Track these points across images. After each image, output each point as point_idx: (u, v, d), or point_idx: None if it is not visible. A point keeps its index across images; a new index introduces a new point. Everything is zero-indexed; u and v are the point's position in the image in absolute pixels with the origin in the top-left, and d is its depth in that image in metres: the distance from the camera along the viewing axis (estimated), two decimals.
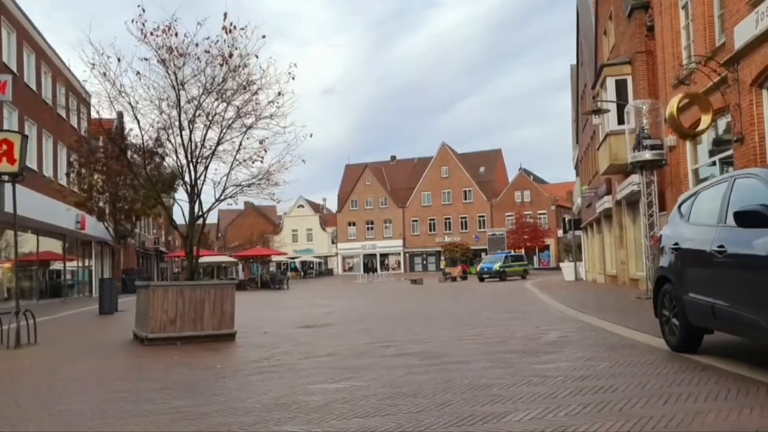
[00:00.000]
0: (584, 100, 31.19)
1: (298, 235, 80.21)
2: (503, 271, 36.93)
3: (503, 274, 36.69)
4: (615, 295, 16.94)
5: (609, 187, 22.52)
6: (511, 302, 16.30)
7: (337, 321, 12.78)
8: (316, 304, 20.51)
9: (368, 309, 16.65)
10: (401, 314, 13.91)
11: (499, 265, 37.32)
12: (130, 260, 42.11)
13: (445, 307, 15.58)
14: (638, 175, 17.10)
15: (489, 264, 38.59)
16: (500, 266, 37.18)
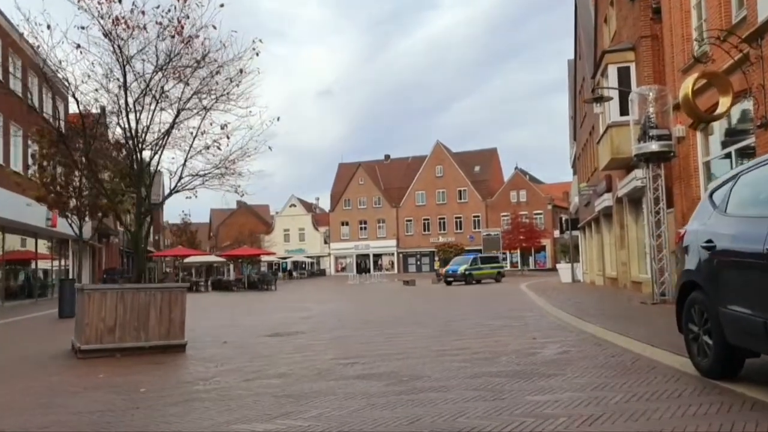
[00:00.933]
0: (582, 95, 29.97)
1: (290, 234, 78.80)
2: (469, 274, 34.15)
3: (470, 278, 33.97)
4: (617, 299, 15.68)
5: (609, 184, 21.27)
6: (504, 306, 15.03)
7: (312, 328, 11.48)
8: (297, 307, 19.20)
9: (351, 313, 15.36)
10: (384, 320, 12.63)
11: (465, 268, 34.50)
12: (113, 259, 40.69)
13: (433, 312, 14.29)
14: (642, 170, 15.87)
15: (454, 267, 35.84)
16: (465, 269, 34.39)
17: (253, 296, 29.54)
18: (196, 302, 24.82)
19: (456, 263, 36.86)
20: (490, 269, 36.35)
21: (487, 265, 36.47)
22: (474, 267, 34.94)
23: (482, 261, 36.54)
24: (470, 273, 34.13)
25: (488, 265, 36.57)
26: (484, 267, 35.97)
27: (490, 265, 36.97)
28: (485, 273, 35.54)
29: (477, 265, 35.31)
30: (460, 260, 37.57)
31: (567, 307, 13.31)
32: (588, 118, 27.15)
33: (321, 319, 13.62)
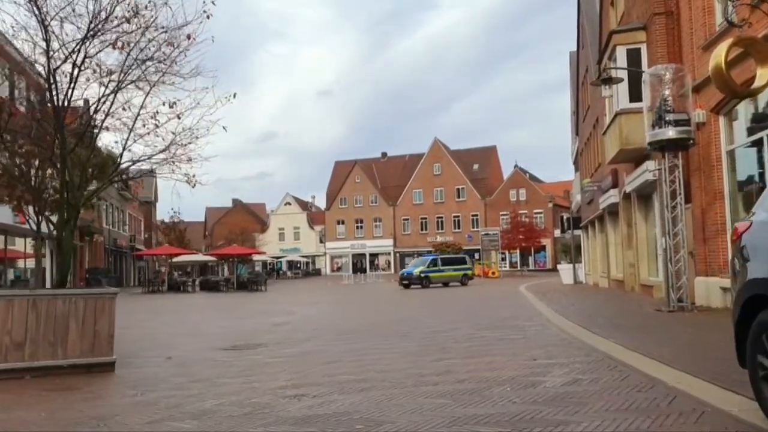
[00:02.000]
0: (585, 86, 28.48)
1: (285, 233, 77.33)
2: (426, 276, 31.62)
3: (426, 280, 31.45)
4: (626, 304, 14.17)
5: (615, 179, 19.76)
6: (501, 312, 13.53)
7: (280, 339, 9.97)
8: (279, 311, 17.71)
9: (332, 319, 13.85)
10: (365, 328, 11.13)
11: (421, 271, 32.01)
12: (98, 259, 39.19)
13: (421, 318, 12.79)
14: (654, 161, 14.39)
15: (411, 269, 33.57)
16: (421, 271, 31.90)
17: (238, 298, 28.04)
18: (173, 304, 23.28)
19: (413, 265, 34.68)
20: (454, 271, 33.31)
21: (449, 267, 33.51)
22: (432, 269, 32.41)
23: (444, 262, 33.70)
24: (427, 276, 31.75)
25: (451, 267, 33.49)
26: (446, 269, 33.04)
27: (454, 267, 33.85)
28: (447, 276, 32.69)
29: (436, 267, 32.66)
30: (417, 261, 35.20)
31: (571, 313, 11.81)
32: (591, 111, 25.66)
33: (296, 327, 12.12)
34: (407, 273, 32.95)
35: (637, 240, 17.24)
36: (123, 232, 49.38)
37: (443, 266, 32.89)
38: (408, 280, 31.97)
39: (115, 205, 46.53)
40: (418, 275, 31.69)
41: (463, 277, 33.38)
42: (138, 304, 24.30)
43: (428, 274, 31.92)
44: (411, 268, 33.57)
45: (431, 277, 31.84)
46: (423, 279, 31.56)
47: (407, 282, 31.85)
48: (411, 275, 32.11)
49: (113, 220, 45.11)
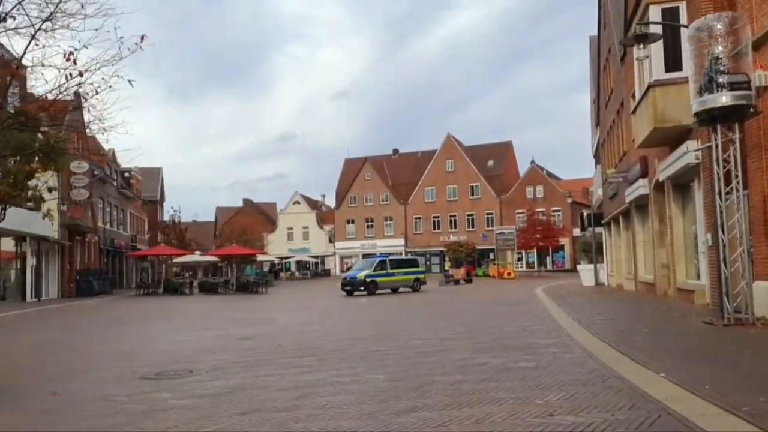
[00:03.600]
0: (607, 70, 25.99)
1: (294, 233, 75.29)
2: (372, 281, 27.16)
3: (372, 286, 27.05)
4: (664, 313, 11.76)
5: (645, 168, 17.30)
6: (511, 323, 11.22)
7: (224, 362, 7.80)
8: (258, 319, 15.61)
9: (307, 332, 11.65)
10: (338, 346, 8.92)
11: (366, 275, 27.43)
12: (91, 260, 37.43)
13: (412, 331, 10.53)
14: (695, 142, 11.96)
15: (354, 272, 29.11)
16: (367, 275, 27.34)
17: (231, 301, 26.02)
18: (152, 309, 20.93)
19: (358, 267, 30.02)
20: (404, 275, 29.07)
21: (399, 270, 29.09)
22: (379, 273, 27.91)
23: (394, 265, 29.06)
24: (373, 280, 27.27)
25: (401, 271, 29.20)
26: (396, 273, 28.66)
27: (404, 270, 29.56)
28: (397, 280, 28.52)
29: (384, 271, 28.20)
30: (363, 264, 30.52)
31: (598, 326, 9.45)
32: (615, 95, 23.17)
33: (259, 343, 9.94)
34: (350, 277, 28.36)
35: (673, 237, 14.78)
36: (123, 232, 47.71)
37: (392, 269, 28.59)
38: (351, 285, 27.49)
39: (114, 204, 44.86)
40: (363, 280, 27.21)
41: (415, 282, 29.25)
42: (114, 309, 22.31)
43: (375, 279, 27.44)
44: (354, 272, 29.16)
45: (378, 282, 27.45)
46: (369, 284, 27.06)
47: (349, 288, 27.38)
48: (354, 280, 27.62)
49: (111, 220, 43.39)
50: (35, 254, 27.99)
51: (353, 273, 29.05)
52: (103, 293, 34.08)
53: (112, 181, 43.49)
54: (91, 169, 36.14)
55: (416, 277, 29.64)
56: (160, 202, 63.26)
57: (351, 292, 27.45)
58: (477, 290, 30.16)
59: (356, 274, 28.14)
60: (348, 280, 28.23)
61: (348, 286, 27.71)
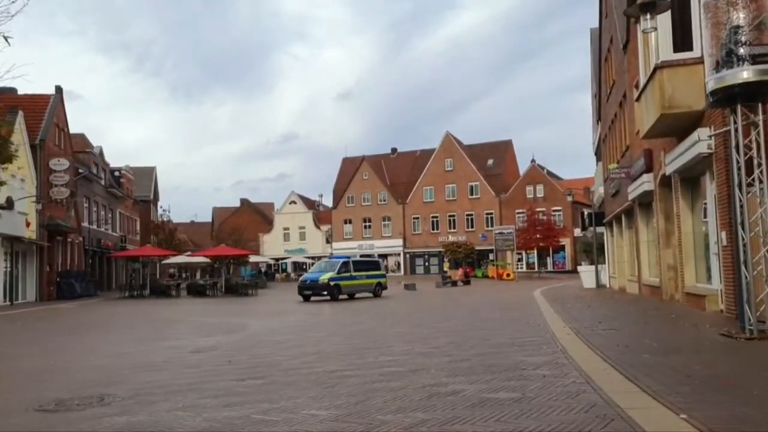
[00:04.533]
0: (609, 62, 24.70)
1: (290, 233, 73.94)
2: (336, 285, 24.17)
3: (335, 290, 24.10)
4: (673, 322, 10.45)
5: (649, 161, 16.00)
6: (501, 333, 9.93)
7: (148, 387, 6.52)
8: (227, 325, 14.35)
9: (274, 342, 10.39)
10: (304, 361, 7.67)
11: (330, 277, 24.22)
12: (74, 261, 36.16)
13: (390, 344, 9.25)
14: (707, 129, 10.68)
15: (315, 274, 25.38)
16: (331, 278, 24.16)
17: (215, 304, 24.78)
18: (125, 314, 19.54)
19: (318, 269, 26.22)
20: (366, 279, 26.07)
21: (361, 273, 26.00)
22: (343, 276, 24.72)
23: (357, 267, 25.94)
24: (337, 284, 24.27)
25: (363, 274, 26.08)
26: (358, 276, 25.60)
27: (367, 273, 26.38)
28: (359, 284, 25.63)
29: (348, 273, 25.05)
30: (325, 265, 26.56)
31: (600, 339, 8.15)
32: (617, 87, 21.88)
33: (209, 358, 8.66)
34: (310, 280, 24.91)
35: (681, 236, 13.47)
36: (112, 233, 46.46)
37: (355, 272, 25.45)
38: (311, 289, 24.36)
39: (102, 203, 43.61)
40: (326, 283, 24.02)
41: (377, 286, 26.37)
42: (84, 313, 21.00)
43: (338, 282, 24.36)
44: (315, 274, 25.44)
45: (342, 286, 24.52)
46: (332, 288, 24.02)
47: (309, 292, 24.33)
48: (315, 283, 24.37)
49: (97, 219, 42.13)
50: (9, 256, 26.71)
51: (313, 275, 25.35)
52: (87, 296, 32.83)
53: (99, 180, 42.25)
54: (73, 166, 34.93)
55: (378, 281, 26.65)
56: (154, 202, 61.99)
57: (309, 297, 24.39)
58: (473, 292, 28.89)
59: (318, 277, 24.67)
60: (308, 283, 24.81)
61: (307, 289, 24.50)
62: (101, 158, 44.53)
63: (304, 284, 25.01)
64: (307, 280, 25.12)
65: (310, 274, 26.34)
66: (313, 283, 24.52)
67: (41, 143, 30.02)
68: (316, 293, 24.29)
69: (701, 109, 11.01)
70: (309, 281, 24.92)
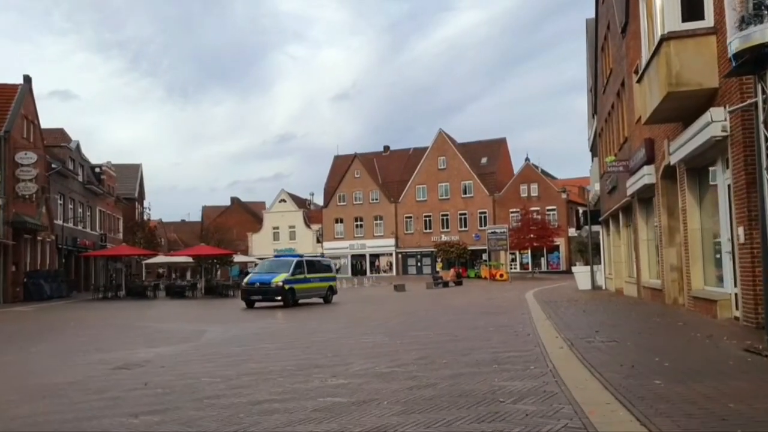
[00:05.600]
0: (606, 51, 23.30)
1: (280, 233, 72.33)
2: (291, 289, 20.53)
3: (290, 294, 20.50)
4: (680, 331, 8.99)
5: (651, 152, 14.56)
6: (481, 346, 8.46)
7: (17, 426, 5.03)
8: (180, 333, 12.90)
9: (219, 355, 8.90)
10: (232, 384, 6.20)
11: (284, 279, 20.43)
12: (45, 260, 34.50)
13: (349, 360, 7.78)
14: (720, 109, 9.27)
15: (264, 276, 21.06)
16: (284, 280, 20.38)
17: (187, 306, 23.27)
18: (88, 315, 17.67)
19: (267, 269, 21.84)
20: (320, 282, 22.45)
21: (315, 275, 22.29)
22: (298, 278, 21.07)
23: (310, 267, 22.15)
24: (292, 288, 20.63)
25: (317, 276, 22.37)
26: (312, 278, 21.96)
27: (320, 275, 22.68)
28: (314, 287, 22.09)
29: (303, 275, 21.40)
30: (272, 264, 22.50)
31: (599, 357, 6.69)
32: (615, 75, 20.47)
33: (120, 381, 7.17)
34: (260, 282, 20.79)
35: (687, 233, 12.03)
36: (91, 231, 44.79)
37: (309, 274, 21.86)
38: (260, 293, 20.54)
39: (79, 201, 41.94)
40: (280, 286, 20.25)
41: (328, 291, 22.88)
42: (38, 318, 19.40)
43: (293, 286, 20.71)
44: (265, 275, 21.10)
45: (297, 290, 20.97)
46: (288, 292, 20.34)
47: (258, 297, 20.58)
48: (267, 286, 20.43)
49: (74, 217, 40.47)
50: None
51: (263, 276, 21.07)
52: (58, 297, 31.23)
53: (75, 176, 40.57)
54: (45, 161, 33.31)
55: (330, 284, 23.17)
56: (139, 200, 60.34)
57: (253, 303, 20.64)
58: (463, 294, 27.45)
59: (270, 279, 20.57)
60: (257, 286, 20.68)
61: (256, 294, 20.56)
62: (78, 153, 42.84)
63: (252, 288, 20.78)
64: (256, 283, 20.85)
65: (257, 275, 21.58)
66: (264, 287, 20.53)
67: (6, 135, 28.39)
68: (267, 298, 20.60)
69: (714, 87, 9.58)
70: (258, 284, 20.74)
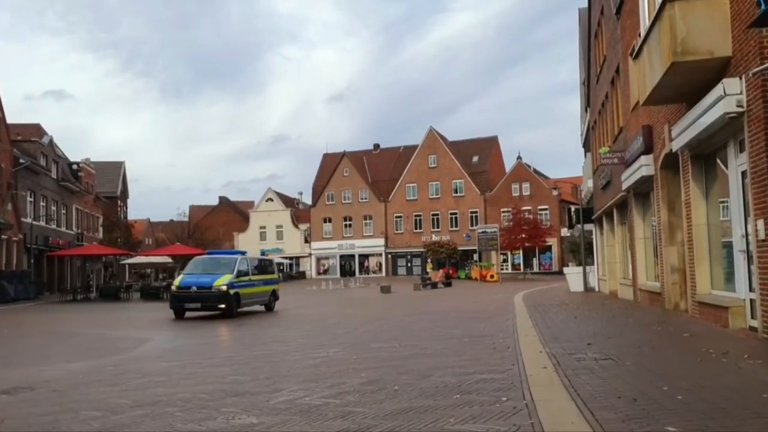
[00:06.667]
0: (599, 37, 21.90)
1: (267, 232, 70.69)
2: (236, 294, 16.76)
3: (235, 301, 16.72)
4: (689, 345, 7.51)
5: (649, 140, 13.12)
6: (450, 364, 6.98)
7: None
8: (122, 343, 11.37)
9: (130, 375, 7.38)
10: (110, 423, 4.66)
11: (228, 282, 16.60)
12: (11, 260, 32.79)
13: (280, 388, 6.29)
14: (736, 80, 7.83)
15: (203, 278, 16.96)
16: (229, 283, 16.56)
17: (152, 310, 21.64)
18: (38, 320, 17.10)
19: (202, 269, 17.56)
20: (264, 285, 18.91)
21: (260, 277, 18.85)
22: (242, 280, 17.33)
23: (255, 267, 18.74)
24: (237, 293, 16.84)
25: (261, 279, 18.83)
26: (257, 281, 18.43)
27: (263, 277, 19.16)
28: (259, 292, 18.47)
29: (248, 277, 17.70)
30: (212, 263, 18.01)
31: (591, 384, 5.19)
32: (609, 62, 19.07)
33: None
34: (197, 286, 16.56)
35: (692, 230, 10.59)
36: (67, 230, 43.06)
37: (255, 277, 18.31)
38: (197, 300, 16.45)
39: (52, 198, 40.22)
40: (224, 291, 16.31)
41: (271, 296, 19.29)
42: None
43: (239, 290, 16.95)
44: (203, 277, 16.94)
45: (243, 295, 17.18)
46: (232, 298, 16.54)
47: (195, 303, 16.53)
48: (208, 291, 16.40)
49: (46, 215, 38.75)
50: None
51: (200, 278, 16.82)
52: (25, 299, 29.62)
53: (47, 172, 38.86)
54: (10, 155, 31.66)
55: (273, 288, 19.54)
56: (122, 199, 58.57)
57: (183, 312, 16.73)
58: (450, 296, 26.00)
59: (210, 281, 16.54)
60: (192, 291, 16.46)
61: (191, 301, 16.43)
62: (52, 149, 41.14)
63: (188, 293, 16.50)
64: (191, 287, 16.54)
65: (192, 276, 17.13)
66: (203, 292, 16.42)
67: None
68: (207, 306, 16.57)
69: (726, 56, 8.13)
70: (195, 288, 16.50)
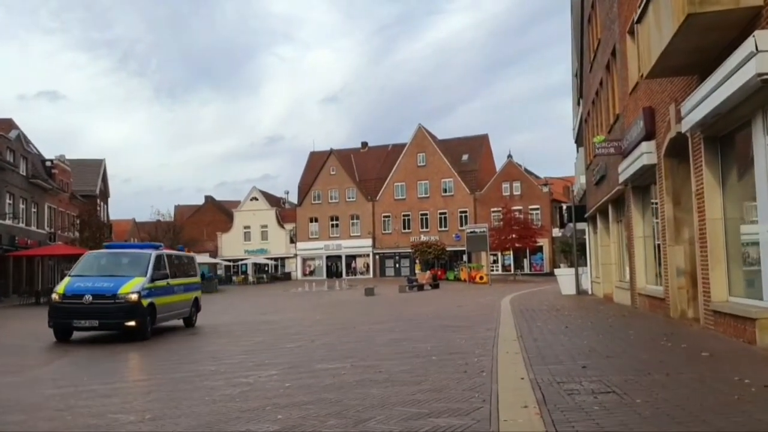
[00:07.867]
0: (593, 21, 20.35)
1: (251, 232, 68.74)
2: (149, 305, 12.43)
3: (146, 315, 12.24)
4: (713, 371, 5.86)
5: (651, 124, 11.51)
6: (405, 398, 5.33)
7: None
8: None
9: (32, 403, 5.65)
10: None
11: (138, 288, 12.25)
12: None
13: (177, 422, 4.60)
14: (766, 32, 6.19)
15: (100, 282, 12.40)
16: (141, 291, 12.25)
17: None
18: None
19: (100, 269, 13.21)
20: (185, 292, 14.95)
21: (180, 281, 14.66)
22: (159, 286, 13.16)
23: (173, 267, 14.34)
24: (152, 303, 12.63)
25: (181, 283, 14.72)
26: (176, 286, 14.28)
27: (185, 280, 15.13)
28: (179, 301, 14.43)
29: (165, 282, 13.51)
30: (114, 260, 13.58)
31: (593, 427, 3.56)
32: (604, 44, 17.48)
33: None
34: (92, 291, 12.10)
35: (705, 226, 8.97)
36: (38, 229, 41.05)
37: (174, 280, 14.12)
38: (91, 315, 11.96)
39: (20, 196, 38.23)
40: (134, 302, 12.10)
41: (193, 306, 15.45)
42: None
43: (154, 300, 12.75)
44: (102, 280, 12.52)
45: (159, 305, 12.98)
46: (143, 311, 12.22)
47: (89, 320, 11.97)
48: (111, 301, 12.05)
49: (12, 213, 36.73)
50: None
51: (97, 283, 12.43)
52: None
53: (15, 168, 36.88)
54: None
55: (195, 296, 15.73)
56: (102, 198, 56.47)
57: (70, 332, 12.56)
58: (434, 299, 24.36)
59: (114, 288, 12.22)
60: (85, 300, 11.98)
61: (85, 317, 11.97)
62: (21, 144, 39.15)
63: (78, 305, 12.02)
64: (84, 295, 12.08)
65: (84, 280, 12.65)
66: (102, 303, 12.07)
67: None
68: (105, 324, 12.23)
69: (755, 5, 6.53)
70: (89, 296, 12.05)
